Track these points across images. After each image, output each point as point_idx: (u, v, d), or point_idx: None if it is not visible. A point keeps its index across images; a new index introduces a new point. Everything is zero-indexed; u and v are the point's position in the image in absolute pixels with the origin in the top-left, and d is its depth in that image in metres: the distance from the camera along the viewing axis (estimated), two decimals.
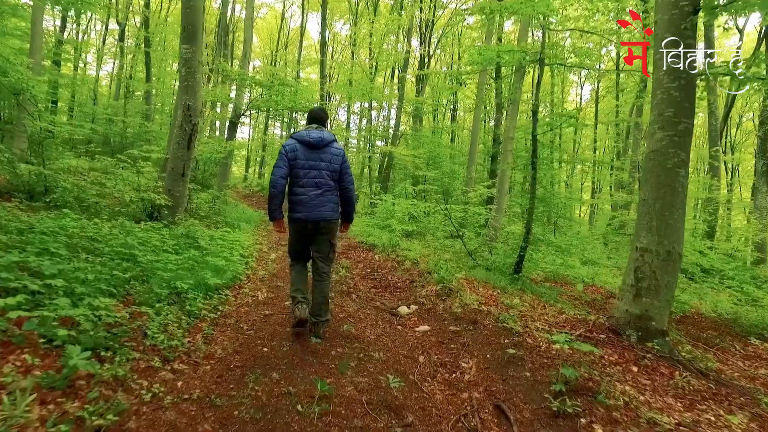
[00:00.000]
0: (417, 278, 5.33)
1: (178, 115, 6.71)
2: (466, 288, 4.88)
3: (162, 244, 5.05)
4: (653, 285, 3.72)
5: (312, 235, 3.29)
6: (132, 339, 2.70)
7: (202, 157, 10.23)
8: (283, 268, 5.67)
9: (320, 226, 3.24)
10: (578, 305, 6.09)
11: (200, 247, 5.32)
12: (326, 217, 3.22)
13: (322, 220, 3.22)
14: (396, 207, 9.68)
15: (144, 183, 6.83)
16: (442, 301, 4.49)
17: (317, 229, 3.25)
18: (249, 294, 4.36)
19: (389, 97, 18.41)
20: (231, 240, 6.14)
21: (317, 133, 3.23)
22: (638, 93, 14.53)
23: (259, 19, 26.54)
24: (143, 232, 5.33)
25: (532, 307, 4.71)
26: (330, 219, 3.25)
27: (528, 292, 5.62)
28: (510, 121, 10.61)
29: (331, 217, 3.25)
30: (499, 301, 4.64)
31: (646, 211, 3.89)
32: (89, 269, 3.51)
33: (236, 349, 3.02)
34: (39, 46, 10.39)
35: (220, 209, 8.58)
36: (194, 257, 4.66)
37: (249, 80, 10.27)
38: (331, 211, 3.25)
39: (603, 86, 24.18)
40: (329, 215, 3.24)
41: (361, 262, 6.50)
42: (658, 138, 3.88)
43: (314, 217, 3.20)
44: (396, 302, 4.60)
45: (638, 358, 3.30)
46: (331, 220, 3.26)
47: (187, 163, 6.63)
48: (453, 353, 3.31)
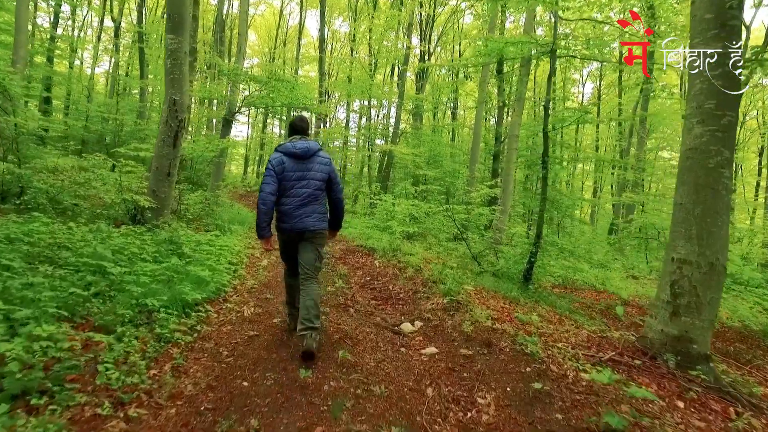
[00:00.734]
0: (421, 288, 4.82)
1: (164, 110, 6.19)
2: (475, 300, 4.37)
3: (141, 251, 4.55)
4: (694, 302, 3.21)
5: (297, 244, 3.21)
6: (80, 377, 2.19)
7: (194, 156, 9.70)
8: (275, 276, 5.16)
9: (305, 236, 3.15)
10: (594, 315, 5.59)
11: (183, 255, 4.81)
12: (311, 227, 3.13)
13: (307, 231, 3.13)
14: (396, 208, 9.17)
15: (128, 183, 6.32)
16: (449, 316, 3.98)
17: (302, 239, 3.17)
18: (234, 309, 3.84)
19: (389, 95, 17.85)
20: (219, 245, 5.63)
21: (303, 144, 3.15)
22: (642, 86, 13.95)
23: (257, 17, 26.01)
24: (122, 238, 4.82)
25: (549, 322, 4.20)
26: (315, 229, 3.15)
27: (542, 303, 5.12)
28: (515, 119, 10.09)
29: (316, 226, 3.15)
30: (513, 316, 4.14)
31: (683, 217, 3.37)
32: (46, 285, 3.00)
33: (211, 383, 2.52)
34: (23, 40, 9.84)
35: (211, 211, 8.07)
36: (174, 267, 4.15)
37: (243, 75, 9.74)
38: (317, 221, 3.16)
39: (605, 83, 23.68)
40: (314, 225, 3.14)
41: (360, 269, 5.99)
42: (698, 134, 3.37)
43: (299, 227, 3.12)
44: (398, 317, 4.09)
45: (682, 390, 2.80)
46: (316, 230, 3.16)
47: (173, 162, 6.10)
48: (467, 384, 2.80)
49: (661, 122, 19.32)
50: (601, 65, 23.01)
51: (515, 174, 20.06)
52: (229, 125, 10.68)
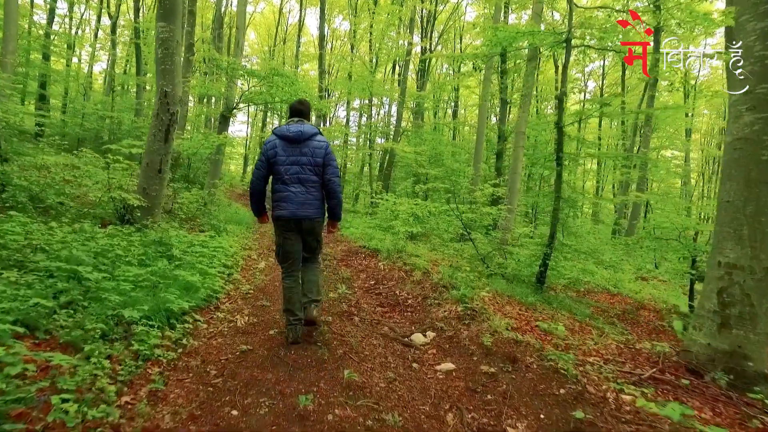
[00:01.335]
0: (431, 293, 4.40)
1: (155, 103, 5.77)
2: (490, 307, 3.96)
3: (126, 253, 4.13)
4: (747, 312, 2.81)
5: (297, 233, 3.08)
6: (27, 412, 1.78)
7: (190, 153, 9.27)
8: (273, 281, 4.74)
9: (304, 226, 3.04)
10: (613, 320, 5.19)
11: (173, 257, 4.39)
12: (310, 216, 3.02)
13: (305, 219, 3.02)
14: (400, 207, 8.74)
15: (117, 180, 5.89)
16: (465, 326, 3.57)
17: (301, 228, 3.05)
18: (226, 318, 3.43)
19: (390, 92, 17.40)
20: (213, 247, 5.21)
21: (297, 127, 3.03)
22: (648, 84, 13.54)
23: (257, 15, 25.58)
24: (107, 239, 4.40)
25: (573, 332, 3.80)
26: (314, 218, 3.05)
27: (560, 309, 4.72)
28: (522, 115, 9.67)
29: (314, 216, 3.05)
30: (533, 325, 3.73)
31: (732, 217, 2.96)
32: (6, 295, 2.58)
33: (194, 412, 2.10)
34: (13, 33, 9.40)
35: (207, 210, 7.64)
36: (161, 271, 3.73)
37: (241, 70, 9.32)
38: (315, 210, 3.05)
39: (607, 82, 23.29)
40: (313, 214, 3.03)
41: (364, 272, 5.57)
42: (748, 122, 2.95)
43: (299, 216, 3.00)
44: (408, 327, 3.67)
45: (743, 417, 2.39)
46: (314, 219, 3.06)
47: (165, 158, 5.68)
48: (492, 409, 2.39)
49: (664, 120, 18.91)
50: (603, 62, 22.67)
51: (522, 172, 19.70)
52: (226, 122, 10.24)
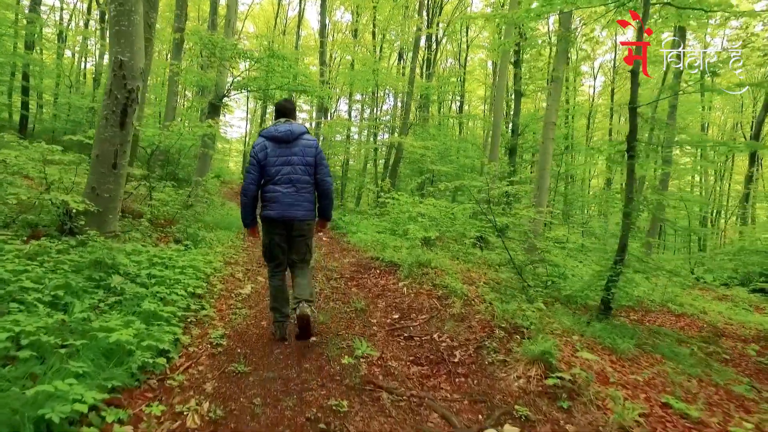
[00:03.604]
0: (486, 340, 2.95)
1: (108, 77, 4.28)
2: (582, 367, 2.51)
3: (39, 286, 2.69)
4: None
5: (286, 235, 2.86)
6: None
7: (170, 144, 7.79)
8: (259, 319, 3.29)
9: (294, 227, 2.84)
10: (706, 359, 3.75)
11: (111, 288, 2.94)
12: (300, 218, 2.82)
13: (296, 220, 2.81)
14: (413, 208, 7.28)
15: (59, 177, 4.43)
16: (563, 412, 2.12)
17: (291, 230, 2.84)
18: (165, 418, 1.94)
19: (396, 81, 15.85)
20: (182, 266, 3.74)
21: (285, 127, 2.84)
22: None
23: (255, 6, 24.05)
24: (23, 261, 2.96)
25: (709, 405, 2.36)
26: (304, 219, 2.84)
27: (654, 352, 3.29)
28: (552, 104, 8.22)
29: (305, 217, 2.85)
30: (658, 400, 2.29)
31: None
32: None
33: None
34: None
35: (190, 213, 6.18)
36: (74, 322, 2.28)
37: (232, 50, 7.85)
38: (306, 211, 2.85)
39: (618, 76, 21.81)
40: (303, 215, 2.83)
41: (381, 297, 4.11)
42: None
43: (288, 217, 2.79)
44: (469, 409, 2.22)
45: None
46: (305, 220, 2.85)
47: (121, 149, 4.20)
48: None
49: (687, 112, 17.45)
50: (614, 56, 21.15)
51: (527, 167, 18.21)
52: (216, 111, 8.73)
